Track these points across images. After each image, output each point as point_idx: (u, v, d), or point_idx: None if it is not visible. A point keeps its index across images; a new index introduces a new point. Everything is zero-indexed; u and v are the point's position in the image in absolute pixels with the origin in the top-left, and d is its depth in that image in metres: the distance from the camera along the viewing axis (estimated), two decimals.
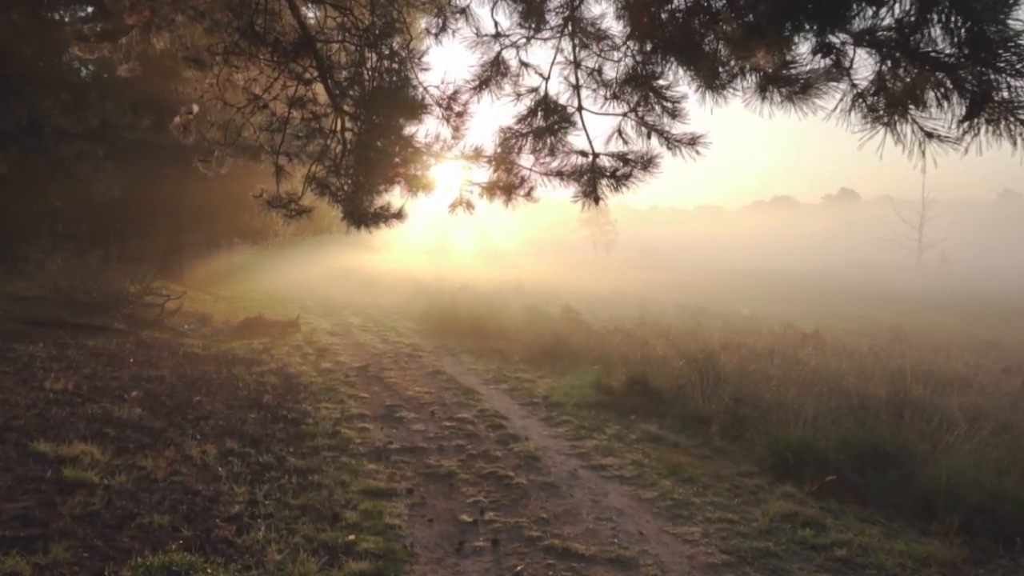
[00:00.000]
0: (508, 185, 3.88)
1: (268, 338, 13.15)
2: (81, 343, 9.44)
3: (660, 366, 9.88)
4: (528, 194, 3.90)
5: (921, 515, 5.48)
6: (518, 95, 3.04)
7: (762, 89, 2.53)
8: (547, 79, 3.00)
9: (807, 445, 6.47)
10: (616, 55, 2.90)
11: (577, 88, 3.07)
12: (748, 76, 2.56)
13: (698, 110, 3.48)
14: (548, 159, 3.51)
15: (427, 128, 4.11)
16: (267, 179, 5.40)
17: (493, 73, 3.10)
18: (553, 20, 3.02)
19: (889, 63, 2.17)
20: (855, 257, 65.62)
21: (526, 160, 3.63)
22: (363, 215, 4.37)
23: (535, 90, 3.03)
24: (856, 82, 2.29)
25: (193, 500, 4.65)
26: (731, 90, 2.84)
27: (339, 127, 3.97)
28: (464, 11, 3.80)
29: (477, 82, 3.18)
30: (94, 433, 5.61)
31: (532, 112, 3.06)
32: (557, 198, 4.47)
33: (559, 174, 3.53)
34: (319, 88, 4.16)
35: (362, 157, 4.01)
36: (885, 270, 54.52)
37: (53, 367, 7.65)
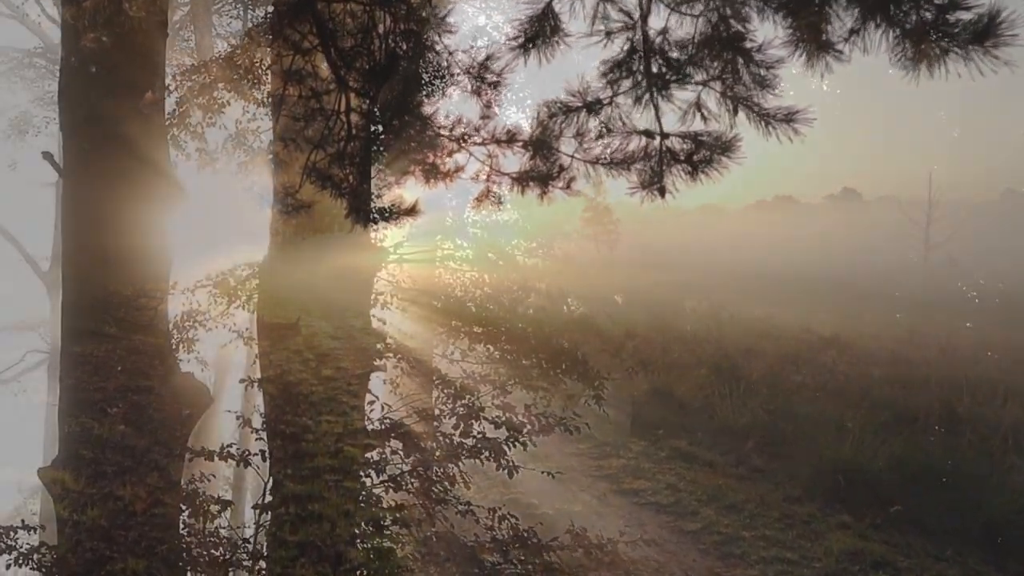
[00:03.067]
0: (544, 175, 3.29)
1: (267, 342, 12.56)
2: (68, 350, 8.86)
3: (681, 374, 9.32)
4: (567, 185, 3.31)
5: (991, 547, 4.95)
6: (608, 34, 2.36)
7: (916, 41, 1.92)
8: (644, 16, 2.31)
9: (857, 466, 5.91)
10: (696, 8, 2.31)
11: (645, 52, 2.48)
12: (886, 31, 1.95)
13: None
14: (600, 141, 2.92)
15: (450, 106, 3.52)
16: (264, 171, 4.81)
17: (542, 28, 2.47)
18: None
19: None
20: (861, 257, 64.91)
21: (567, 145, 3.03)
22: (371, 211, 3.77)
23: (630, 28, 2.36)
24: None
25: (175, 538, 4.07)
26: (836, 53, 2.26)
27: (343, 106, 3.39)
28: None
29: (522, 38, 2.54)
30: (68, 455, 5.04)
31: (628, 57, 2.40)
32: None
33: (609, 161, 2.94)
34: (320, 59, 3.57)
35: (370, 142, 3.43)
36: (893, 271, 53.85)
37: (32, 377, 7.09)
